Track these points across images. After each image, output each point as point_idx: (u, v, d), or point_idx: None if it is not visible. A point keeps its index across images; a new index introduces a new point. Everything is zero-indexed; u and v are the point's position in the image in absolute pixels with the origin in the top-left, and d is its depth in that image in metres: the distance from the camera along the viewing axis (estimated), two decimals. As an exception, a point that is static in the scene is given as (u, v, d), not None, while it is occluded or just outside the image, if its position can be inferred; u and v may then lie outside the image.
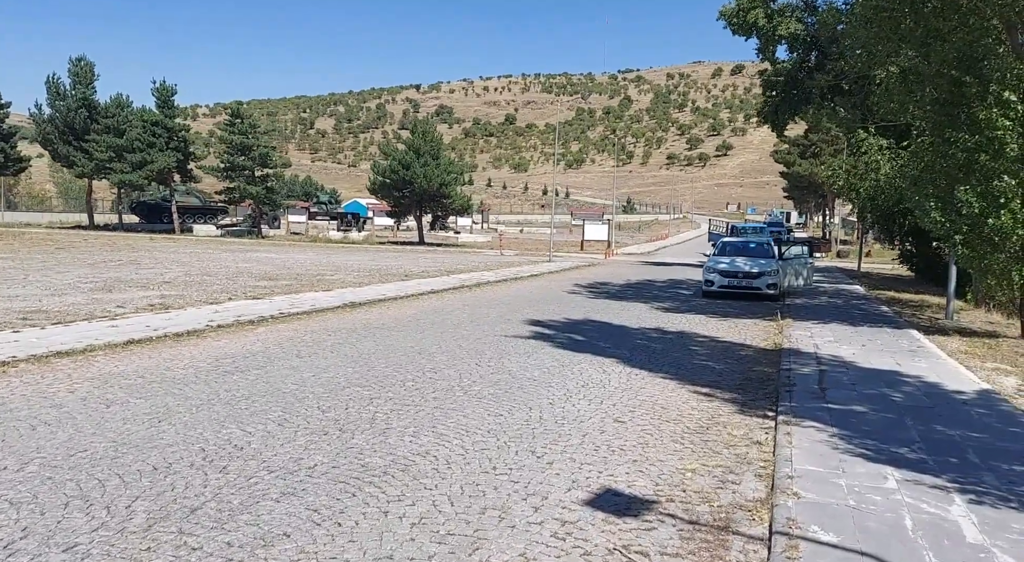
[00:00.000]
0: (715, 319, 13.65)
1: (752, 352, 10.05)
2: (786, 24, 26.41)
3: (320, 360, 8.03)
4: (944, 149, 11.67)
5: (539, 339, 10.33)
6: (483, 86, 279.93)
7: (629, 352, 9.62)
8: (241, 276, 18.63)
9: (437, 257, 31.74)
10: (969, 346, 11.05)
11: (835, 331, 12.01)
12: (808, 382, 7.79)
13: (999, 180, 10.83)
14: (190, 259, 24.36)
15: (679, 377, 8.12)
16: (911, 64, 13.13)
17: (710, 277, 17.45)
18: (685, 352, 9.84)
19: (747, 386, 7.79)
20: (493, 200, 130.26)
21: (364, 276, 20.03)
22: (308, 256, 28.68)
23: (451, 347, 9.32)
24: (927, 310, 15.99)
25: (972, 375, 8.52)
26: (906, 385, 7.82)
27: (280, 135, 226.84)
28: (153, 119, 46.28)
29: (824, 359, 9.28)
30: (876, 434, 5.81)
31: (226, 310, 11.60)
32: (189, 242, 37.52)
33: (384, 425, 5.50)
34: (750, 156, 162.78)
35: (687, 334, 11.60)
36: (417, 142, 44.99)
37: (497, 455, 4.95)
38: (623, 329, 11.84)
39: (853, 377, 8.17)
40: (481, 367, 8.11)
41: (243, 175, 46.79)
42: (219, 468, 4.42)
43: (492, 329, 11.16)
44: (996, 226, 10.83)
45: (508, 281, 21.19)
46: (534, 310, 13.96)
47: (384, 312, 12.84)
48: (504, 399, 6.62)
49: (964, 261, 11.79)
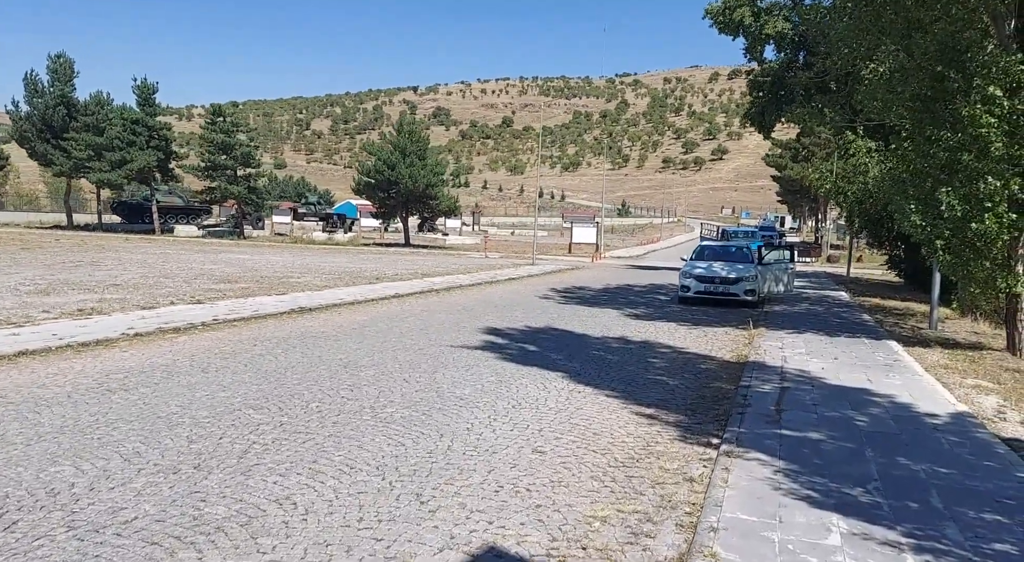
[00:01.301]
0: (685, 327, 12.90)
1: (714, 366, 9.30)
2: (773, 23, 25.72)
3: (227, 376, 7.25)
4: (925, 148, 10.94)
5: (487, 350, 9.57)
6: (480, 88, 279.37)
7: (580, 365, 8.86)
8: (200, 278, 17.84)
9: (418, 259, 30.97)
10: (950, 359, 10.31)
11: (808, 342, 11.26)
12: (765, 402, 7.03)
13: (983, 181, 10.09)
14: (156, 260, 23.56)
15: (626, 395, 7.36)
16: (893, 59, 12.43)
17: (686, 283, 16.70)
18: (641, 365, 9.08)
19: (698, 406, 7.04)
20: (489, 202, 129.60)
21: (331, 279, 19.26)
22: (284, 258, 27.89)
23: (385, 359, 8.55)
24: (911, 319, 15.25)
25: (948, 394, 7.78)
26: (874, 406, 7.07)
27: (276, 136, 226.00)
28: (133, 117, 45.42)
29: (789, 374, 8.53)
30: (828, 469, 5.06)
31: (156, 316, 10.81)
32: (165, 243, 36.69)
33: (254, 460, 4.73)
34: (745, 160, 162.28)
35: (650, 344, 10.85)
36: (403, 142, 44.20)
37: (372, 501, 4.18)
38: (583, 339, 11.09)
39: (817, 396, 7.41)
40: (408, 384, 7.34)
41: (224, 174, 45.97)
42: (4, 525, 3.63)
43: (441, 338, 10.39)
44: (980, 230, 10.09)
45: (482, 285, 20.44)
46: (496, 317, 13.20)
47: (332, 318, 12.06)
48: (416, 424, 5.86)
49: (947, 268, 11.06)
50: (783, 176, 61.32)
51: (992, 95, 9.92)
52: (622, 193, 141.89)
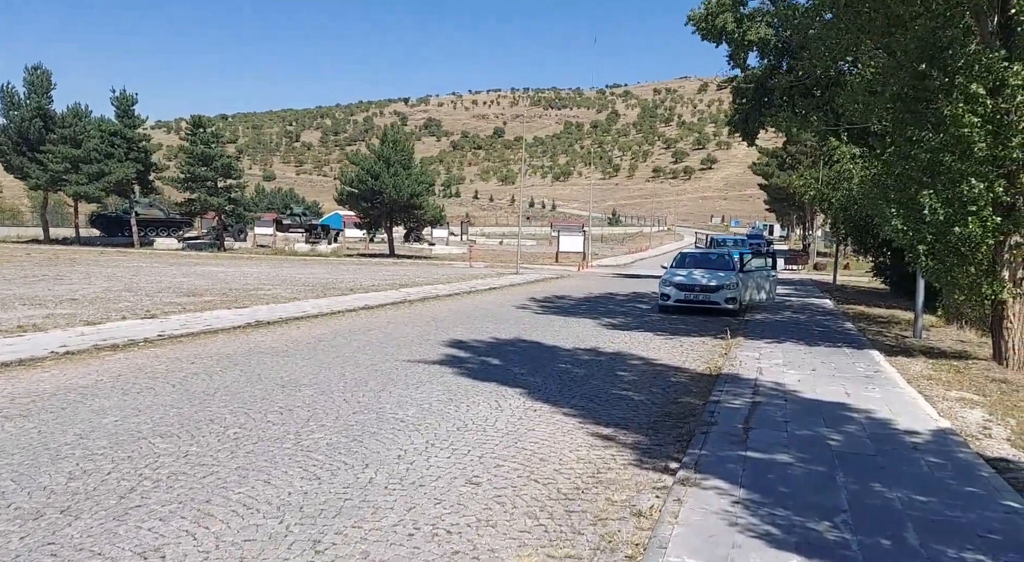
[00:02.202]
0: (661, 337, 12.37)
1: (685, 378, 8.76)
2: (755, 29, 25.38)
3: (147, 398, 6.66)
4: (907, 150, 10.49)
5: (445, 365, 9.00)
6: (472, 99, 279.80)
7: (543, 380, 8.31)
8: (165, 292, 17.21)
9: (400, 270, 30.42)
10: (934, 369, 9.82)
11: (787, 352, 10.75)
12: (733, 420, 6.49)
13: (966, 183, 9.63)
14: (126, 274, 22.92)
15: (585, 413, 6.81)
16: (873, 59, 12.01)
17: (666, 291, 16.20)
18: (608, 379, 8.53)
19: (661, 425, 6.48)
20: (479, 212, 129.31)
21: (303, 290, 18.67)
22: (260, 269, 27.28)
23: (330, 377, 7.97)
24: (895, 327, 14.78)
25: (931, 408, 7.26)
26: (850, 423, 6.53)
27: (265, 148, 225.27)
28: (111, 129, 44.82)
29: (763, 388, 7.99)
30: (794, 499, 4.52)
31: (97, 332, 10.19)
32: (142, 256, 35.97)
33: (137, 501, 4.13)
34: (734, 170, 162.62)
35: (622, 356, 10.30)
36: (387, 151, 43.69)
37: (259, 551, 3.59)
38: (553, 351, 10.53)
39: (790, 412, 6.88)
40: (348, 404, 6.76)
41: (205, 186, 45.31)
42: None
43: (399, 352, 9.82)
44: (963, 235, 9.63)
45: (459, 295, 19.89)
46: (465, 329, 12.64)
47: (289, 332, 11.47)
48: (342, 452, 5.28)
49: (930, 274, 10.59)
50: (770, 184, 61.16)
51: (975, 94, 9.49)
52: (612, 202, 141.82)
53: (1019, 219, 9.71)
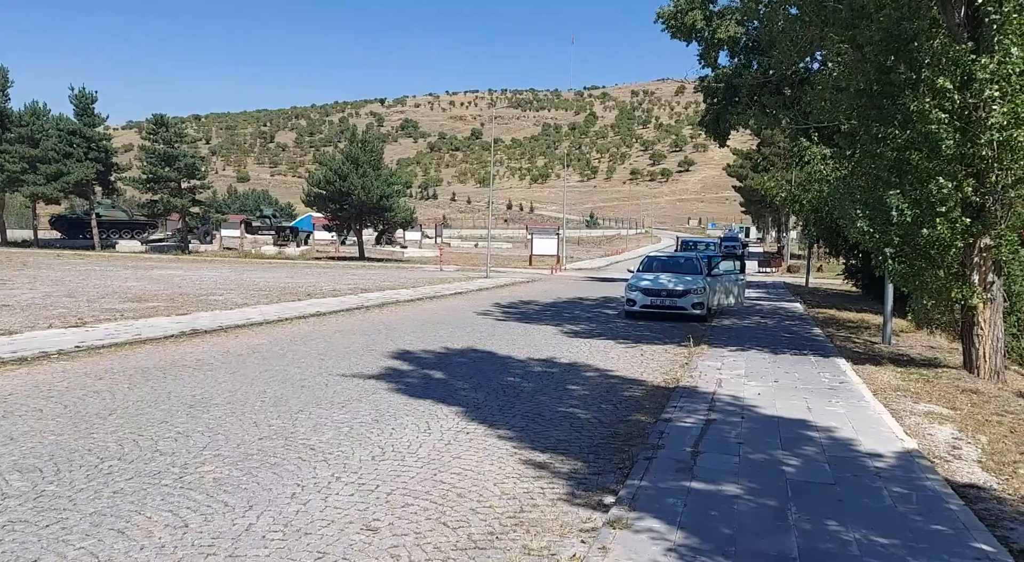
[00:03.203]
0: (623, 346, 11.80)
1: (640, 392, 8.17)
2: (725, 27, 25.00)
3: (28, 423, 5.91)
4: (873, 148, 10.03)
5: (383, 379, 8.33)
6: (449, 100, 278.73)
7: (485, 396, 7.67)
8: (108, 297, 16.33)
9: (367, 273, 29.64)
10: (903, 379, 9.34)
11: (751, 361, 10.22)
12: (682, 442, 5.90)
13: (934, 183, 9.18)
14: (75, 278, 21.92)
15: (523, 435, 6.18)
16: (838, 52, 11.56)
17: (632, 296, 15.65)
18: (557, 394, 7.92)
19: (604, 448, 5.88)
20: (457, 214, 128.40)
21: (257, 295, 17.87)
22: (219, 273, 26.35)
23: (248, 395, 7.26)
24: (864, 332, 14.36)
25: (897, 426, 6.73)
26: (809, 444, 5.98)
27: (239, 149, 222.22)
28: (70, 128, 43.44)
29: (720, 403, 7.43)
30: (738, 542, 3.92)
31: (10, 343, 9.37)
32: (100, 259, 34.77)
33: (-57, 560, 3.44)
34: (711, 172, 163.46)
35: (578, 366, 9.70)
36: (355, 152, 42.84)
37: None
38: (504, 362, 9.90)
39: (745, 431, 6.31)
40: (258, 428, 6.07)
41: (167, 187, 44.10)
42: None
43: (337, 365, 9.13)
44: (931, 237, 9.18)
45: (422, 300, 19.20)
46: (416, 337, 11.98)
47: (224, 342, 10.72)
48: (228, 489, 4.60)
49: (897, 278, 10.15)
50: (745, 186, 61.19)
51: (942, 88, 9.03)
52: (591, 205, 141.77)
53: (989, 220, 9.28)
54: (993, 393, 8.66)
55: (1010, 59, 8.70)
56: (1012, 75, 8.75)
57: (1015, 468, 5.73)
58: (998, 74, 8.75)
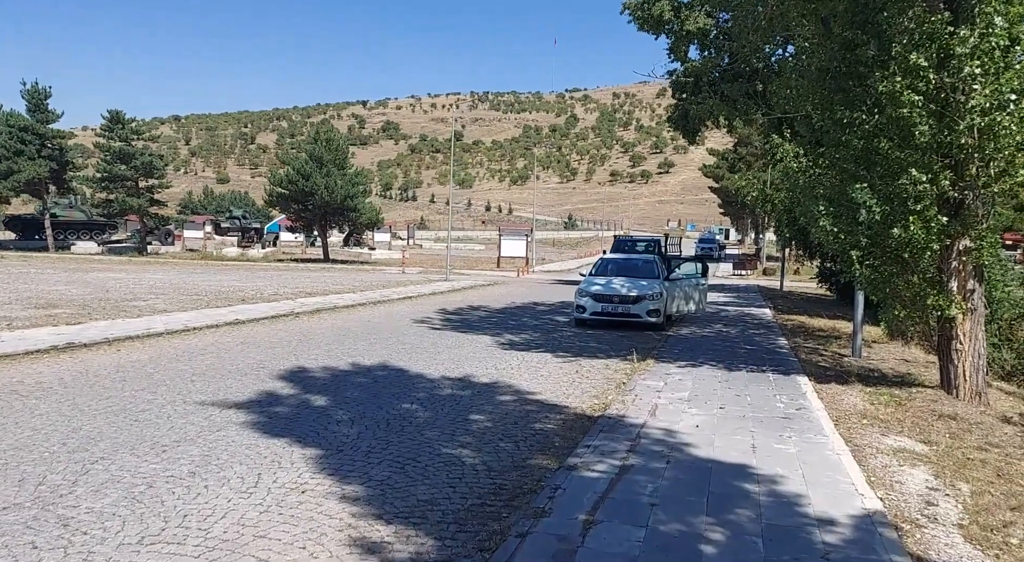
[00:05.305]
0: (559, 360, 10.42)
1: (556, 424, 6.78)
2: (694, 18, 23.74)
3: None
4: (837, 135, 8.74)
5: (246, 409, 6.89)
6: (431, 103, 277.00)
7: (361, 431, 6.25)
8: (12, 304, 14.80)
9: (323, 276, 28.11)
10: (871, 402, 8.05)
11: (699, 380, 8.87)
12: (578, 504, 4.52)
13: (906, 176, 7.89)
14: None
15: (378, 493, 4.77)
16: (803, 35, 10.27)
17: (582, 302, 14.29)
18: (452, 427, 6.51)
19: (473, 516, 4.46)
20: (435, 216, 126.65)
21: (184, 301, 16.36)
22: (163, 276, 24.71)
23: (53, 434, 5.78)
24: (833, 343, 13.10)
25: (859, 473, 5.39)
26: (744, 504, 4.62)
27: (219, 150, 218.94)
28: (22, 124, 41.43)
29: (646, 440, 6.06)
30: None
31: None
32: (46, 261, 32.93)
33: None
34: (691, 174, 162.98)
35: (495, 388, 8.30)
36: (319, 150, 41.17)
37: None
38: (412, 382, 8.49)
39: (665, 486, 4.94)
40: (20, 487, 4.61)
41: (124, 186, 42.21)
42: None
43: (205, 389, 7.66)
44: (904, 238, 7.89)
45: (363, 306, 17.76)
46: (328, 350, 10.53)
47: (92, 359, 9.20)
48: None
49: (866, 284, 8.85)
50: (721, 187, 60.26)
51: (915, 66, 7.74)
52: (570, 206, 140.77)
53: (968, 219, 8.01)
54: (975, 419, 7.38)
55: (993, 31, 7.44)
56: (995, 50, 7.49)
57: (1006, 535, 4.42)
58: (979, 49, 7.48)
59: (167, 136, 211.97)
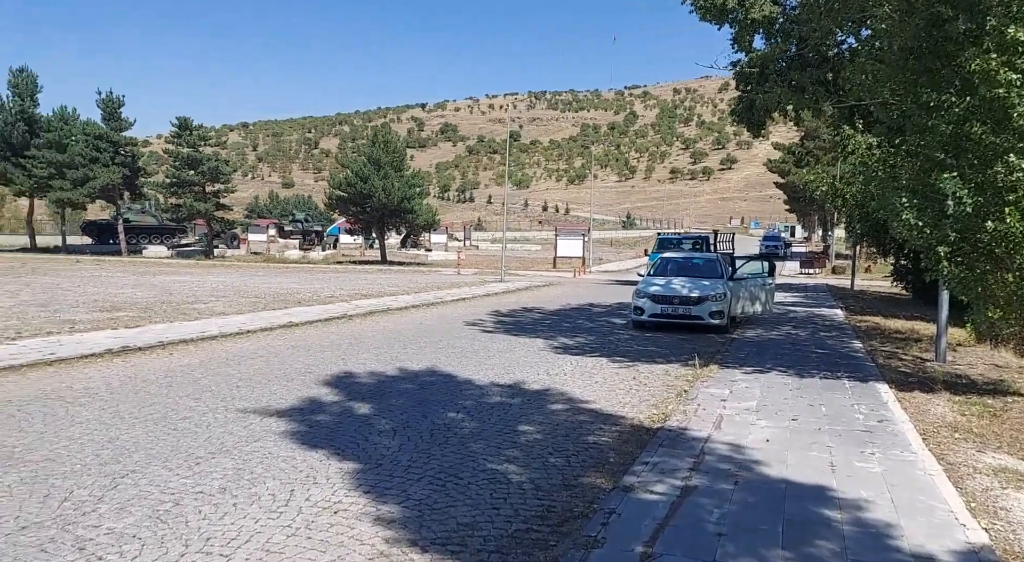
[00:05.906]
0: (615, 365, 9.91)
1: (611, 436, 6.31)
2: (760, 6, 22.72)
3: None
4: (922, 121, 7.96)
5: (288, 417, 6.66)
6: (488, 103, 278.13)
7: (403, 442, 5.92)
8: (81, 307, 15.21)
9: (379, 278, 28.26)
10: (962, 412, 7.27)
11: (768, 388, 8.22)
12: (634, 533, 4.04)
13: (1002, 163, 7.11)
14: (71, 285, 21.03)
15: (415, 515, 4.41)
16: (875, 9, 9.48)
17: (640, 303, 13.69)
18: (500, 438, 6.11)
19: (516, 544, 4.05)
20: (493, 217, 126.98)
21: (243, 304, 16.57)
22: (226, 279, 25.24)
23: (88, 444, 5.65)
24: (914, 346, 12.13)
25: (956, 497, 4.74)
26: (825, 534, 4.05)
27: (285, 155, 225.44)
28: (97, 132, 43.30)
29: (711, 457, 5.52)
30: None
31: None
32: (118, 265, 34.22)
33: None
34: (755, 169, 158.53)
35: (547, 395, 7.87)
36: (377, 153, 41.58)
37: None
38: (459, 389, 8.14)
39: (734, 511, 4.41)
40: (44, 504, 4.44)
41: (192, 191, 43.59)
42: None
43: (248, 395, 7.49)
44: (998, 232, 7.09)
45: (416, 308, 17.59)
46: (373, 356, 10.30)
47: (143, 363, 9.21)
48: None
49: (954, 283, 8.03)
50: (787, 183, 58.10)
51: (1013, 41, 6.96)
52: (628, 205, 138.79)
53: (1077, 210, 7.15)
54: (1086, 434, 6.55)
55: (1106, -3, 6.60)
56: (1109, 17, 6.64)
57: None
58: (1089, 18, 6.66)
59: (235, 142, 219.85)
